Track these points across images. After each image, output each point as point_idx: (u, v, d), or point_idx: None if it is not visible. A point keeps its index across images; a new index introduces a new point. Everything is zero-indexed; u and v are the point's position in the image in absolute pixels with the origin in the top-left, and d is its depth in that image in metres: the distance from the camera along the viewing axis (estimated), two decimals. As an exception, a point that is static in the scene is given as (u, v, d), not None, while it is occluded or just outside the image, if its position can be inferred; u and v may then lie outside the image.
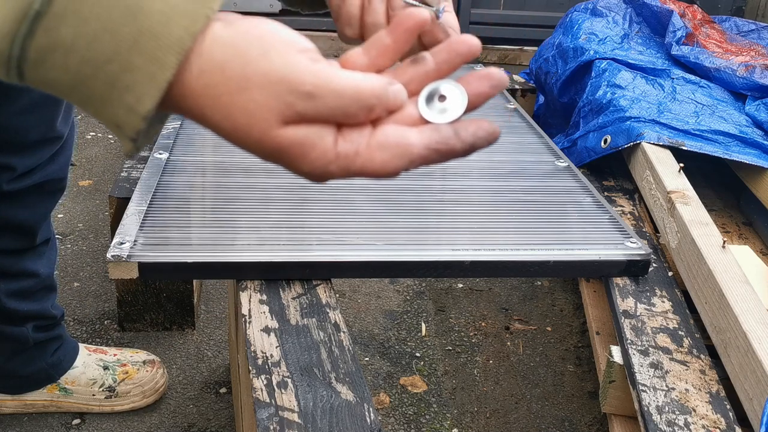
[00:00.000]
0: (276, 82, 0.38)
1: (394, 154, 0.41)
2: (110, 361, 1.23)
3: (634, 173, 1.47)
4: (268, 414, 0.68)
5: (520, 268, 0.96)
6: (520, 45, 3.14)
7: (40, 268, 1.10)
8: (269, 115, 0.38)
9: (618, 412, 0.98)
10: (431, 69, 0.44)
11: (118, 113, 0.38)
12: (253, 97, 0.38)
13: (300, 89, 0.38)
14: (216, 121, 0.39)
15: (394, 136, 0.41)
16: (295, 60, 0.39)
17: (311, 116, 0.39)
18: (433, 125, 0.42)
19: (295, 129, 0.39)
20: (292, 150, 0.40)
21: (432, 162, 0.43)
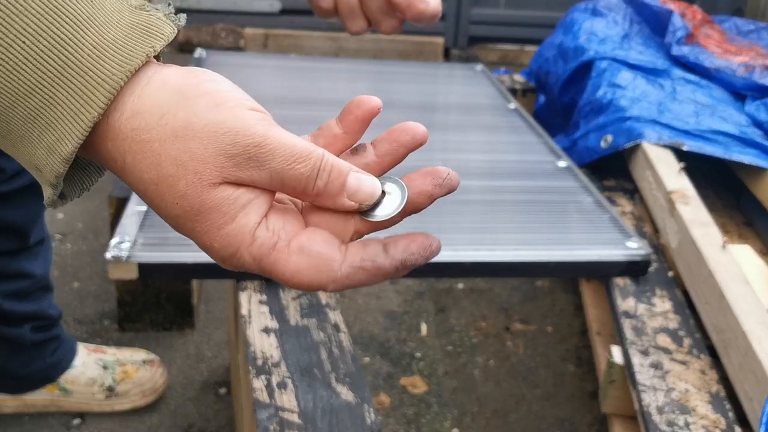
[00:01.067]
0: (221, 134, 0.35)
1: (312, 265, 0.37)
2: (109, 360, 1.23)
3: (634, 173, 1.47)
4: (268, 414, 0.68)
5: (521, 268, 0.96)
6: (520, 44, 3.14)
7: (36, 268, 1.10)
8: (203, 168, 0.35)
9: (618, 412, 0.98)
10: (372, 161, 0.40)
11: (36, 153, 0.35)
12: (189, 146, 0.34)
13: (246, 141, 0.35)
14: (138, 169, 0.35)
15: (320, 244, 0.37)
16: (244, 114, 0.35)
17: (249, 176, 0.35)
18: (360, 242, 0.39)
19: (226, 189, 0.35)
20: (214, 214, 0.36)
21: (361, 283, 0.38)
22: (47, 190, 0.36)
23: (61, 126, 0.34)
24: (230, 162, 0.35)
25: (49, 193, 0.36)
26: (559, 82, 1.88)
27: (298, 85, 1.70)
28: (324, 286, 0.38)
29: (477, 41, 3.17)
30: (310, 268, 0.37)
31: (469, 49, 3.16)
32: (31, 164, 0.36)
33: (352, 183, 0.38)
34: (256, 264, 0.37)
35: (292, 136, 0.36)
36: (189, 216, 0.36)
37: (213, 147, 0.35)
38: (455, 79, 1.89)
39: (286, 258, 0.37)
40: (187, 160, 0.35)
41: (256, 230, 0.36)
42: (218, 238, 0.36)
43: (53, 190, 0.36)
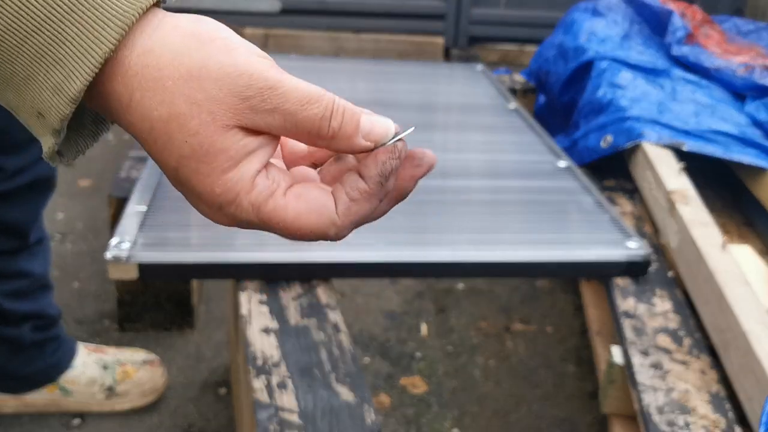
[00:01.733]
0: (236, 75, 0.35)
1: (311, 209, 0.37)
2: (109, 360, 1.23)
3: (634, 173, 1.47)
4: (268, 414, 0.68)
5: (521, 269, 0.96)
6: (520, 44, 3.14)
7: (35, 267, 1.10)
8: (218, 108, 0.35)
9: (618, 412, 0.98)
10: (353, 164, 0.40)
11: (42, 95, 0.34)
12: (204, 86, 0.34)
13: (261, 84, 0.35)
14: (148, 106, 0.35)
15: (316, 191, 0.38)
16: (257, 60, 0.36)
17: (264, 120, 0.35)
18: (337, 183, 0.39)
19: (237, 133, 0.35)
20: (221, 157, 0.35)
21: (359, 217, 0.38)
22: (48, 139, 0.35)
23: (69, 63, 0.33)
24: (245, 104, 0.35)
25: (50, 144, 0.35)
26: (559, 82, 1.88)
27: (298, 85, 1.69)
28: (325, 230, 0.38)
29: (477, 41, 3.17)
30: (310, 213, 0.37)
31: (469, 49, 3.16)
32: (33, 110, 0.35)
33: (366, 123, 0.38)
34: (255, 212, 0.37)
35: (302, 81, 0.36)
36: (196, 156, 0.35)
37: (228, 88, 0.34)
38: (455, 79, 1.89)
39: (285, 204, 0.37)
40: (202, 100, 0.34)
41: (256, 178, 0.36)
42: (220, 182, 0.36)
43: (55, 139, 0.35)
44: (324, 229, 0.38)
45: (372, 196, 0.38)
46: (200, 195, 0.37)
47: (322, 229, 0.38)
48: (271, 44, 2.96)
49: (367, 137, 0.38)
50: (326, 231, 0.38)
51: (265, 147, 0.37)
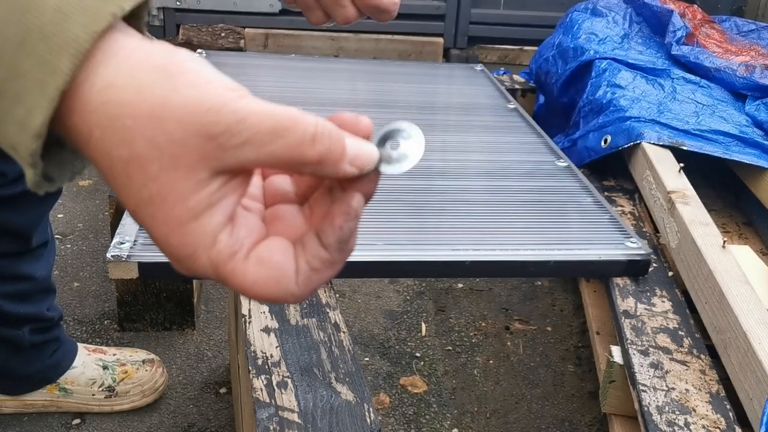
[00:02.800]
0: (203, 112, 0.31)
1: (270, 276, 0.34)
2: (109, 360, 1.23)
3: (634, 173, 1.47)
4: (268, 414, 0.68)
5: (521, 268, 0.96)
6: (520, 45, 3.13)
7: (37, 270, 1.09)
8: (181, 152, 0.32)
9: (618, 412, 0.98)
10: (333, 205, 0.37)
11: (9, 131, 0.32)
12: (167, 127, 0.31)
13: (230, 118, 0.31)
14: (107, 144, 0.32)
15: (278, 255, 0.35)
16: (227, 93, 0.32)
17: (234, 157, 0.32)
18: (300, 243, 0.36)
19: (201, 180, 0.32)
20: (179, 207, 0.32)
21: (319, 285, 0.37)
22: (27, 171, 0.33)
23: (28, 98, 0.31)
24: (211, 144, 0.31)
25: (30, 174, 0.33)
26: (558, 82, 1.88)
27: (298, 85, 1.70)
28: (283, 298, 0.35)
29: (477, 41, 3.17)
30: (269, 281, 0.35)
31: (469, 50, 3.16)
32: (7, 144, 0.33)
33: (352, 147, 0.35)
34: (213, 269, 0.34)
35: (279, 106, 0.33)
36: (154, 203, 0.32)
37: (193, 128, 0.31)
38: (455, 79, 1.89)
39: (244, 269, 0.34)
40: (164, 142, 0.31)
41: (219, 233, 0.33)
42: (177, 234, 0.33)
43: (33, 170, 0.33)
44: (282, 297, 0.35)
45: (333, 264, 0.36)
46: (158, 241, 0.34)
47: (280, 297, 0.35)
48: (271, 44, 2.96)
49: (353, 162, 0.35)
50: (284, 299, 0.36)
51: (231, 195, 0.34)
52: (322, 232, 0.36)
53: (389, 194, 1.09)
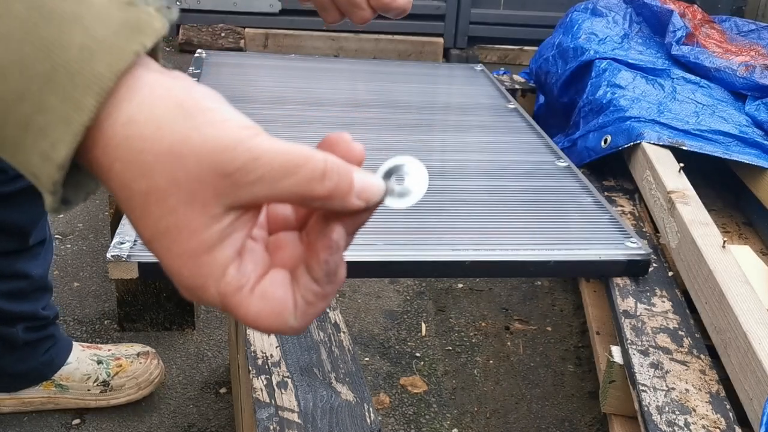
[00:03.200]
0: (220, 150, 0.33)
1: (272, 311, 0.36)
2: (104, 355, 1.23)
3: (634, 173, 1.47)
4: (268, 414, 0.68)
5: (520, 268, 0.96)
6: (520, 45, 3.14)
7: (33, 269, 1.09)
8: (198, 188, 0.34)
9: (618, 412, 0.98)
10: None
11: (31, 161, 0.34)
12: (185, 164, 0.33)
13: (245, 156, 0.33)
14: (127, 177, 0.34)
15: (280, 289, 0.37)
16: (243, 132, 0.34)
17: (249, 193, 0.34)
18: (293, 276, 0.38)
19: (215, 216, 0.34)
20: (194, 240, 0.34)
21: (316, 315, 0.39)
22: (47, 197, 0.35)
23: (53, 132, 0.33)
24: (227, 181, 0.33)
25: (49, 200, 0.35)
26: (558, 82, 1.88)
27: (298, 85, 1.70)
28: (282, 330, 0.37)
29: (477, 41, 3.17)
30: (270, 315, 0.36)
31: (469, 50, 3.16)
32: (28, 172, 0.35)
33: (359, 181, 0.36)
34: (220, 299, 0.36)
35: (292, 145, 0.35)
36: (170, 235, 0.34)
37: (210, 167, 0.33)
38: (455, 79, 1.89)
39: (249, 302, 0.36)
40: (182, 178, 0.33)
41: (228, 267, 0.35)
42: (191, 265, 0.35)
43: (53, 197, 0.35)
44: (281, 329, 0.37)
45: (325, 296, 0.38)
46: (170, 270, 0.36)
47: (280, 329, 0.37)
48: (271, 44, 2.96)
49: (360, 196, 0.37)
50: (283, 331, 0.37)
51: (242, 229, 0.35)
52: (309, 267, 0.38)
53: (389, 194, 1.09)
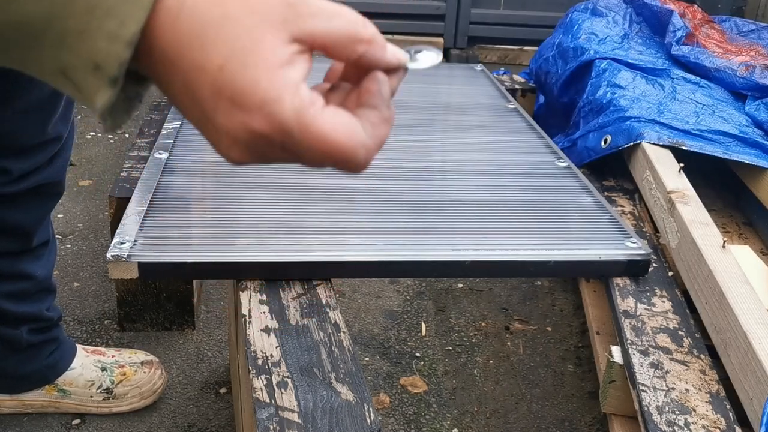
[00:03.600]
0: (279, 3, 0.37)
1: (347, 126, 0.39)
2: (108, 362, 1.23)
3: (634, 173, 1.47)
4: (268, 414, 0.68)
5: (520, 268, 0.96)
6: (520, 45, 3.13)
7: (37, 270, 1.09)
8: (269, 9, 0.37)
9: (618, 412, 0.98)
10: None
11: (98, 46, 0.35)
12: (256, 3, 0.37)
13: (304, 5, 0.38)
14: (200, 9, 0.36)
15: (348, 115, 0.40)
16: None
17: (310, 25, 0.38)
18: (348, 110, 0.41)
19: (285, 39, 0.37)
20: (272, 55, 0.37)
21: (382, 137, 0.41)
22: (105, 92, 0.36)
23: (121, 11, 0.34)
24: (291, 10, 0.37)
25: (107, 96, 0.36)
26: (558, 82, 1.88)
27: (298, 85, 1.69)
28: (355, 151, 0.39)
29: (477, 41, 3.17)
30: (346, 129, 0.39)
31: (469, 50, 3.16)
32: (90, 64, 0.35)
33: (390, 45, 0.41)
34: (295, 115, 0.37)
35: None
36: (247, 50, 0.36)
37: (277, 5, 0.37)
38: (455, 79, 1.89)
39: (323, 116, 0.38)
40: (255, 3, 0.37)
41: (300, 84, 0.37)
42: (268, 76, 0.36)
43: (112, 89, 0.36)
44: (355, 149, 0.39)
45: (386, 120, 0.41)
46: (240, 94, 0.37)
47: (354, 148, 0.39)
48: (271, 44, 2.96)
49: (393, 54, 0.41)
50: (356, 152, 0.39)
51: (306, 60, 0.38)
52: (365, 101, 0.41)
53: (389, 194, 1.09)
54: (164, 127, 1.29)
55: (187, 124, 1.32)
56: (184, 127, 1.30)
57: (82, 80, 0.36)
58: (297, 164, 0.41)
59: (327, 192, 1.09)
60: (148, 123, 1.56)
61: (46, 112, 0.96)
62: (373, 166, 0.40)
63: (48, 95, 0.95)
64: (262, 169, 1.15)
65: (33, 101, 0.93)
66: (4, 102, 0.92)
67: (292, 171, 1.15)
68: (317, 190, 1.09)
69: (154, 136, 1.45)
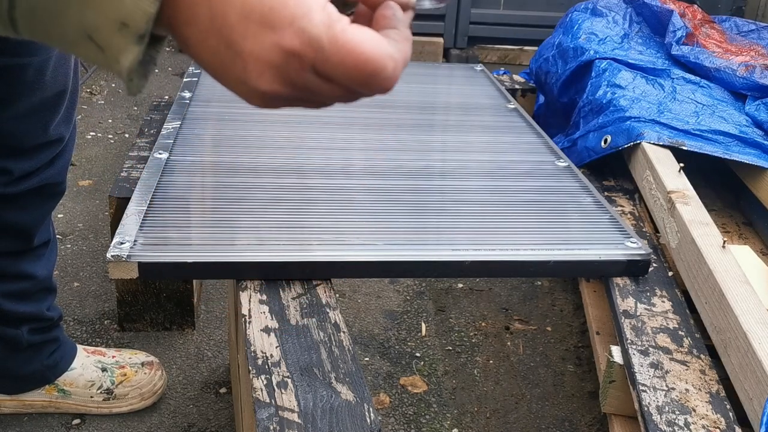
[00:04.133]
0: None
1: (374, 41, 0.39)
2: (108, 363, 1.23)
3: (634, 173, 1.47)
4: (268, 414, 0.68)
5: (520, 268, 0.96)
6: (520, 45, 3.14)
7: (38, 270, 1.09)
8: None
9: (618, 412, 0.98)
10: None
11: (123, 2, 0.35)
12: None
13: None
14: None
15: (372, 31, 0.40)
16: None
17: None
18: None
19: None
20: None
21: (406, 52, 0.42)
22: (132, 50, 0.36)
23: None
24: None
25: (134, 54, 0.36)
26: (558, 82, 1.88)
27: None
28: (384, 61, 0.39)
29: (477, 41, 3.17)
30: (373, 40, 0.39)
31: (469, 50, 3.16)
32: (116, 23, 0.35)
33: None
34: (326, 28, 0.37)
35: None
36: None
37: None
38: (455, 79, 1.89)
39: (352, 30, 0.38)
40: None
41: (326, 2, 0.38)
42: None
43: (139, 47, 0.36)
44: (384, 59, 0.39)
45: (406, 38, 0.42)
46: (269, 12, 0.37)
47: (383, 58, 0.39)
48: (271, 44, 2.96)
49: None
50: (385, 63, 0.39)
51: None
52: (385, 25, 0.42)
53: (389, 194, 1.09)
54: (164, 127, 1.29)
55: (187, 124, 1.32)
56: (184, 127, 1.30)
57: (108, 41, 0.36)
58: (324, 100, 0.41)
59: (327, 192, 1.09)
60: (148, 123, 1.56)
61: (48, 114, 0.96)
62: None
63: (51, 97, 0.95)
64: (262, 169, 1.15)
65: (36, 103, 0.93)
66: (7, 103, 0.92)
67: (292, 171, 1.15)
68: (317, 190, 1.09)
69: (154, 136, 1.45)
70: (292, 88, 0.39)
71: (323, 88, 0.40)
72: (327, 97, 0.41)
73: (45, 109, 0.95)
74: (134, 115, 2.53)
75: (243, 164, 1.16)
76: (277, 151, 1.22)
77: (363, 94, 0.41)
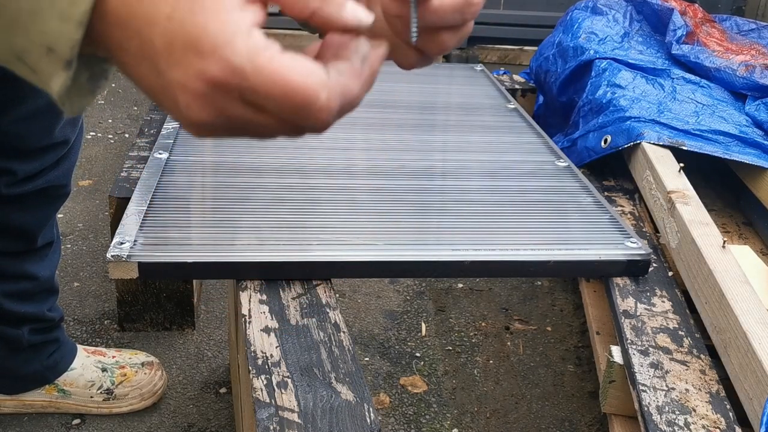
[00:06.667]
0: None
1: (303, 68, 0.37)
2: (108, 363, 1.23)
3: (634, 173, 1.47)
4: (268, 414, 0.68)
5: (520, 268, 0.96)
6: (520, 45, 3.13)
7: (40, 270, 1.09)
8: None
9: (618, 412, 0.98)
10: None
11: (49, 26, 0.34)
12: None
13: None
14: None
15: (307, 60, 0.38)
16: None
17: None
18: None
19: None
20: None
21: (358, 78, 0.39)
22: (60, 76, 0.35)
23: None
24: None
25: (62, 80, 0.35)
26: (558, 81, 1.88)
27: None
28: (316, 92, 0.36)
29: (477, 41, 3.17)
30: (303, 69, 0.36)
31: (469, 50, 3.16)
32: (43, 48, 0.35)
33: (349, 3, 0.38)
34: (248, 57, 0.35)
35: None
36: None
37: None
38: (455, 79, 1.89)
39: (281, 58, 0.36)
40: None
41: (254, 28, 0.36)
42: (218, 20, 0.35)
43: (67, 73, 0.35)
44: (314, 88, 0.36)
45: (357, 74, 0.39)
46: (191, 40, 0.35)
47: (313, 87, 0.36)
48: (271, 44, 2.96)
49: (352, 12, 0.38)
50: (317, 92, 0.36)
51: (259, 9, 0.37)
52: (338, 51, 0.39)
53: (389, 194, 1.09)
54: (164, 127, 1.29)
55: (187, 124, 1.31)
56: (184, 127, 1.30)
57: (37, 64, 0.35)
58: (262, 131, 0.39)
59: (327, 192, 1.09)
60: (148, 123, 1.56)
61: (54, 116, 0.96)
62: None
63: None
64: (262, 169, 1.15)
65: (41, 105, 0.93)
66: (12, 105, 0.92)
67: (292, 171, 1.15)
68: (317, 190, 1.09)
69: (154, 136, 1.45)
70: (224, 118, 0.38)
71: (258, 119, 0.38)
72: (264, 128, 0.39)
73: (50, 111, 0.95)
74: (134, 115, 2.53)
75: (243, 164, 1.16)
76: (277, 150, 1.22)
77: (303, 128, 0.39)
